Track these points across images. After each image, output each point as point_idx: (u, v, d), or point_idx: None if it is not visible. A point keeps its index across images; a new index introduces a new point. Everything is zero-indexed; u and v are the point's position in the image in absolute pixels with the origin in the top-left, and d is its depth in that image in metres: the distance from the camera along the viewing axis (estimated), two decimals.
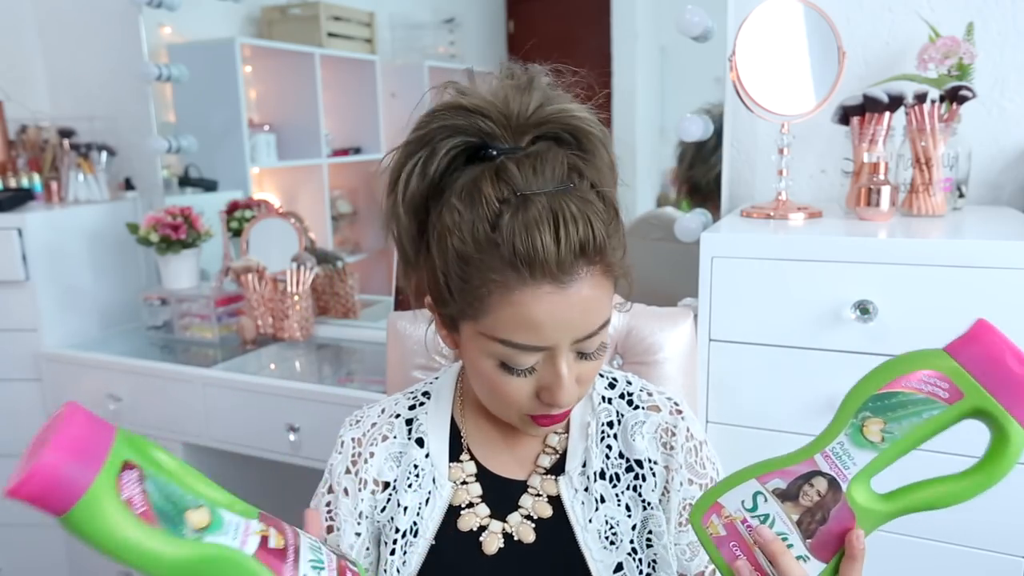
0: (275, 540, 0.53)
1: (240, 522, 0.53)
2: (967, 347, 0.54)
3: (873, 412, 0.54)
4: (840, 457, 0.55)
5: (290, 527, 0.58)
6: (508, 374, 0.69)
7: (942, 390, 0.53)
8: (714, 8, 1.32)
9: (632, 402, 0.83)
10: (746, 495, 0.59)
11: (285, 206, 2.23)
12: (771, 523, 0.57)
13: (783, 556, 0.57)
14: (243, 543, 0.52)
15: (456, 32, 2.62)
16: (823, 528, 0.56)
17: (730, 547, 0.59)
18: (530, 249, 0.62)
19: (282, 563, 0.53)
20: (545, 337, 0.66)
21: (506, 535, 0.79)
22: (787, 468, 0.57)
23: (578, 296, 0.65)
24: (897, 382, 0.54)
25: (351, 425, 0.86)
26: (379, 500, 0.82)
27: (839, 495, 0.55)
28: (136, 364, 1.82)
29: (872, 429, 0.54)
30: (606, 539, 0.77)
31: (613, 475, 0.79)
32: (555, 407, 0.70)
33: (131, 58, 2.13)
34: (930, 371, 0.53)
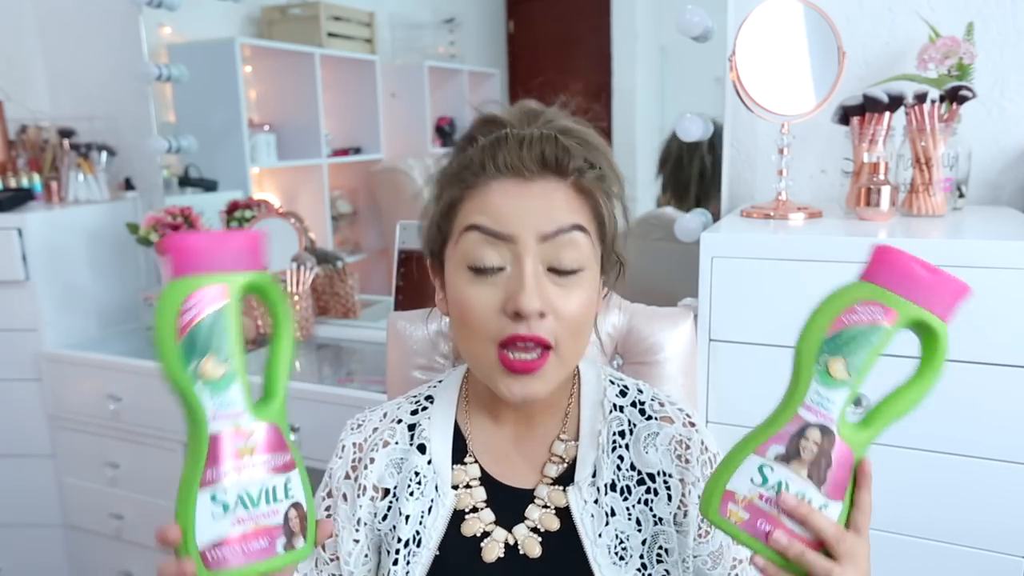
0: (245, 442, 0.57)
1: (236, 405, 0.57)
2: (878, 270, 0.59)
3: (831, 353, 0.59)
4: (820, 403, 0.59)
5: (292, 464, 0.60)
6: (477, 281, 0.70)
7: (880, 314, 0.58)
8: (714, 8, 1.32)
9: (644, 412, 0.81)
10: (752, 472, 0.60)
11: (285, 206, 2.23)
12: (786, 488, 0.59)
13: (812, 515, 0.58)
14: (213, 417, 0.56)
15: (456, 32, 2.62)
16: (830, 472, 0.59)
17: (758, 526, 0.59)
18: (495, 149, 0.71)
19: (219, 460, 0.56)
20: (507, 223, 0.69)
21: (509, 546, 0.77)
22: (779, 432, 0.59)
23: (542, 193, 0.70)
24: (839, 322, 0.59)
25: (352, 429, 0.84)
26: (379, 507, 0.80)
27: (833, 438, 0.59)
28: (136, 364, 1.82)
29: (837, 368, 0.58)
30: (616, 554, 0.75)
31: (624, 487, 0.77)
32: (521, 314, 0.68)
33: (131, 58, 2.13)
34: (862, 302, 0.58)
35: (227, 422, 0.57)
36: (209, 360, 0.56)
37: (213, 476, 0.56)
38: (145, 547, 1.92)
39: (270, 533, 0.58)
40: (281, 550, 0.58)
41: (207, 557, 0.56)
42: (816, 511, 0.59)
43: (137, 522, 1.91)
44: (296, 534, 0.60)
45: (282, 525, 0.59)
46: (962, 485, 1.06)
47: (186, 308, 0.55)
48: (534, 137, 0.71)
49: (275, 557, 0.58)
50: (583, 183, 0.72)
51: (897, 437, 1.08)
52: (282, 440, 0.59)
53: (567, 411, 0.82)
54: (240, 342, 0.57)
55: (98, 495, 1.95)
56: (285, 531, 0.59)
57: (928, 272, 0.58)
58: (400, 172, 2.50)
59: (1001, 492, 1.04)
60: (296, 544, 0.59)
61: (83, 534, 2.03)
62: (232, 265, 0.56)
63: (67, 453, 2.00)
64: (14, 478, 2.03)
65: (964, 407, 1.04)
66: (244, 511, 0.57)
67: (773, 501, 0.59)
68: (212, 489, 0.56)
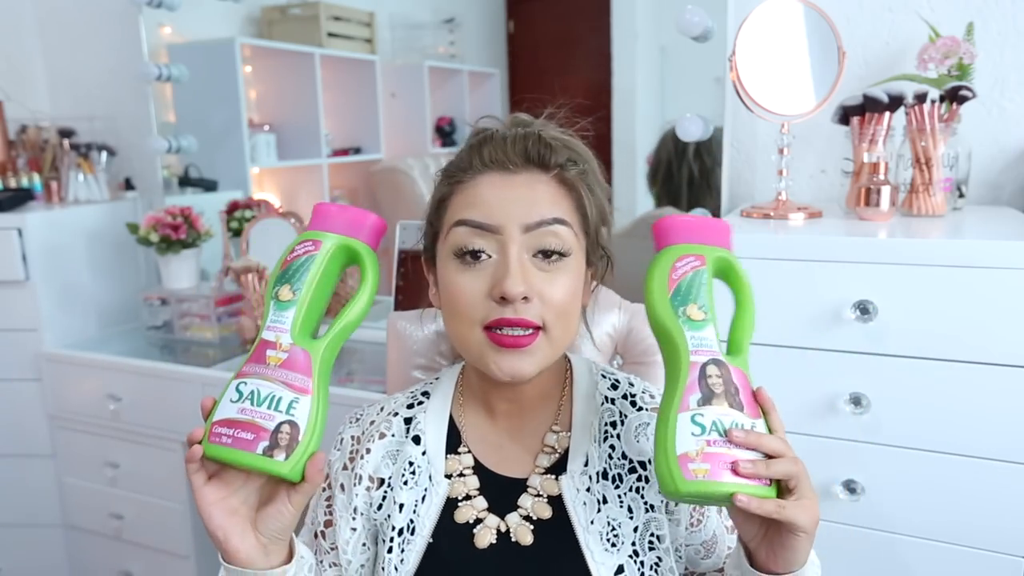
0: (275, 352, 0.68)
1: (284, 324, 0.68)
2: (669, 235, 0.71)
3: (682, 303, 0.68)
4: (701, 343, 0.67)
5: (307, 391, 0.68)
6: (464, 268, 0.73)
7: (693, 261, 0.70)
8: (714, 8, 1.32)
9: (635, 403, 0.83)
10: (689, 427, 0.64)
11: (285, 206, 2.23)
12: (723, 425, 0.64)
13: (759, 438, 0.63)
14: (266, 328, 0.69)
15: (456, 32, 2.62)
16: (741, 395, 0.66)
17: (721, 468, 0.63)
18: (482, 146, 0.75)
19: (254, 359, 0.68)
20: (491, 214, 0.73)
21: (501, 533, 0.79)
22: (687, 384, 0.66)
23: (526, 184, 0.74)
24: (672, 281, 0.69)
25: (351, 423, 0.87)
26: (374, 497, 0.82)
27: (726, 366, 0.66)
28: (136, 364, 1.82)
29: (694, 312, 0.68)
30: (608, 541, 0.77)
31: (615, 476, 0.79)
32: (506, 298, 0.70)
33: (131, 58, 2.13)
34: (677, 258, 0.69)
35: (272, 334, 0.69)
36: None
37: (247, 369, 0.67)
38: (145, 547, 1.92)
39: (258, 432, 0.65)
40: (259, 451, 0.64)
41: (212, 430, 0.66)
42: (761, 434, 0.64)
43: (137, 522, 1.91)
44: (279, 447, 0.65)
45: (271, 432, 0.65)
46: (962, 485, 1.06)
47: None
48: (518, 135, 0.76)
49: (251, 454, 0.64)
50: (565, 176, 0.75)
51: (897, 437, 1.08)
52: (309, 367, 0.68)
53: (560, 403, 0.84)
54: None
55: (98, 495, 1.96)
56: (271, 439, 0.65)
57: (699, 220, 0.71)
58: (400, 172, 2.50)
59: (1001, 492, 1.04)
60: (275, 455, 0.64)
61: (83, 534, 2.03)
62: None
63: (67, 453, 2.00)
64: (14, 478, 2.03)
65: (964, 407, 1.04)
66: (249, 405, 0.66)
67: (719, 442, 0.63)
68: (240, 379, 0.67)
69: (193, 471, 0.67)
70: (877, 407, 1.08)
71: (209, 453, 0.65)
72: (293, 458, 0.65)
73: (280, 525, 0.69)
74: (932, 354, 1.04)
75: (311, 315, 0.70)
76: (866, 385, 1.08)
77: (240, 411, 0.66)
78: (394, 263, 1.58)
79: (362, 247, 0.72)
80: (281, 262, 0.71)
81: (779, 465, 0.63)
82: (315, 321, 0.71)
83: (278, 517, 0.69)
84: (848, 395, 1.09)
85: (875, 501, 1.10)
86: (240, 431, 0.65)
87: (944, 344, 1.04)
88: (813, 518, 0.64)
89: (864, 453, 1.10)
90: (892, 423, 1.08)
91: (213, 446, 0.65)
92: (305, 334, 0.69)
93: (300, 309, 0.69)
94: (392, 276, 1.59)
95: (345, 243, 0.71)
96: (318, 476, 0.67)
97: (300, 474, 0.66)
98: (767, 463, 0.63)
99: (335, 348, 0.71)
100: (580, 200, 0.76)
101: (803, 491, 0.64)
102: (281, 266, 0.71)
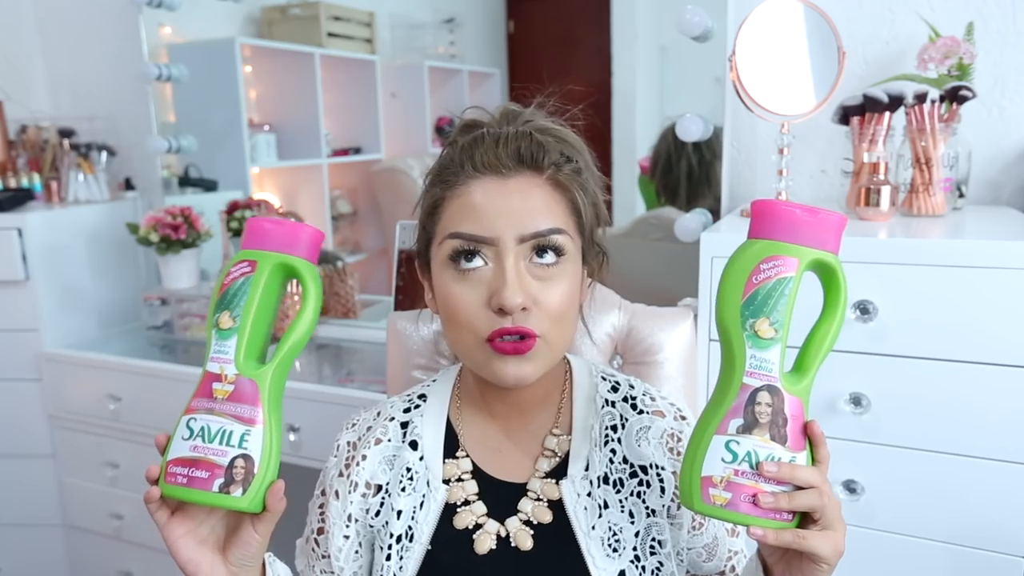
0: (222, 385, 0.66)
1: (227, 354, 0.66)
2: (764, 224, 0.62)
3: (754, 316, 0.61)
4: (760, 366, 0.61)
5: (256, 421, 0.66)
6: (460, 278, 0.72)
7: (782, 266, 0.60)
8: (714, 8, 1.32)
9: (636, 406, 0.82)
10: (720, 452, 0.61)
11: (285, 206, 2.23)
12: (757, 457, 0.60)
13: (793, 472, 0.61)
14: (209, 360, 0.67)
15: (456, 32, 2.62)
16: (788, 428, 0.61)
17: (742, 500, 0.61)
18: (473, 148, 0.74)
19: (201, 394, 0.67)
20: (487, 225, 0.71)
21: (501, 538, 0.78)
22: (732, 406, 0.61)
23: (519, 190, 0.72)
24: (749, 285, 0.61)
25: (347, 429, 0.86)
26: (371, 504, 0.81)
27: (781, 394, 0.61)
28: (136, 364, 1.82)
29: (763, 328, 0.61)
30: (609, 546, 0.76)
31: (616, 480, 0.78)
32: (504, 310, 0.70)
33: (131, 58, 2.13)
34: (762, 259, 0.61)
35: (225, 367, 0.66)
36: (224, 315, 0.66)
37: (195, 405, 0.67)
38: (145, 547, 1.92)
39: (212, 470, 0.64)
40: (216, 489, 0.64)
41: (167, 469, 0.65)
42: (794, 467, 0.61)
43: (137, 522, 1.91)
44: (236, 483, 0.64)
45: (225, 468, 0.64)
46: (962, 485, 1.06)
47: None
48: (510, 135, 0.74)
49: (207, 492, 0.64)
50: (559, 178, 0.74)
51: (897, 437, 1.08)
52: (257, 396, 0.66)
53: (559, 406, 0.83)
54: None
55: (98, 495, 1.95)
56: (226, 475, 0.64)
57: (809, 214, 0.61)
58: (400, 172, 2.50)
59: (1001, 492, 1.04)
60: (232, 491, 0.64)
61: (83, 534, 2.03)
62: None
63: (67, 453, 2.00)
64: (14, 478, 2.03)
65: (964, 407, 1.04)
66: (201, 442, 0.65)
67: (748, 474, 0.61)
68: (190, 415, 0.67)
69: (154, 510, 0.67)
70: (877, 407, 1.08)
71: (167, 493, 0.65)
72: (251, 491, 0.65)
73: (248, 554, 0.69)
74: (932, 354, 1.04)
75: (255, 340, 0.68)
76: (866, 385, 1.08)
77: (192, 448, 0.65)
78: (394, 263, 1.58)
79: (300, 263, 0.68)
80: (218, 287, 0.68)
81: (803, 498, 0.61)
82: (260, 345, 0.69)
83: (245, 547, 0.69)
84: (848, 395, 1.09)
85: (875, 501, 1.10)
86: (194, 470, 0.64)
87: (944, 344, 1.04)
88: (836, 550, 0.62)
89: (864, 453, 1.10)
90: (892, 423, 1.08)
91: (170, 486, 0.65)
92: (251, 361, 0.67)
93: (242, 336, 0.66)
94: (392, 276, 1.59)
95: (282, 260, 0.68)
96: (279, 504, 0.67)
97: (260, 505, 0.66)
98: (790, 496, 0.61)
99: (284, 371, 0.69)
100: (575, 201, 0.75)
101: (828, 522, 0.62)
102: (219, 291, 0.68)
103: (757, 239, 0.62)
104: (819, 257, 0.61)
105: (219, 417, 0.65)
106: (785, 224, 0.61)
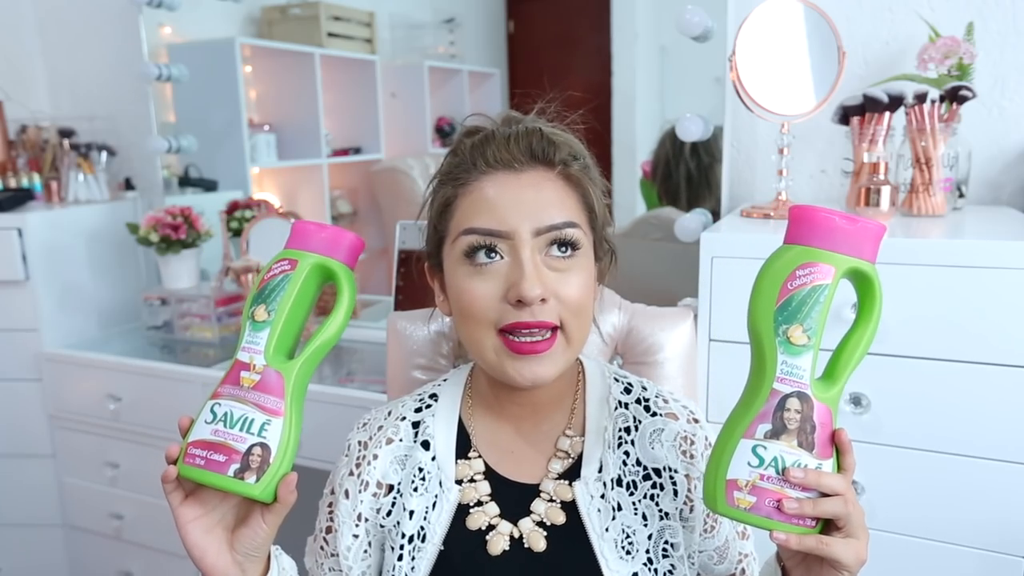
0: (249, 374, 0.68)
1: (258, 345, 0.69)
2: (802, 231, 0.61)
3: (787, 322, 0.61)
4: (791, 372, 0.61)
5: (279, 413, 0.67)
6: (477, 276, 0.72)
7: (819, 273, 0.60)
8: (714, 8, 1.32)
9: (649, 408, 0.82)
10: (747, 456, 0.61)
11: (285, 206, 2.23)
12: (783, 463, 0.61)
13: (819, 479, 0.61)
14: (241, 348, 0.69)
15: (456, 32, 2.62)
16: (816, 435, 0.61)
17: (767, 505, 0.61)
18: (484, 146, 0.74)
19: (228, 381, 0.69)
20: (501, 219, 0.71)
21: (514, 539, 0.77)
22: (761, 411, 0.61)
23: (532, 184, 0.73)
24: (784, 290, 0.61)
25: (359, 428, 0.86)
26: (383, 504, 0.81)
27: (811, 401, 0.61)
28: (136, 364, 1.82)
29: (796, 335, 0.60)
30: (622, 548, 0.76)
31: (630, 483, 0.78)
32: (523, 301, 0.69)
33: (131, 58, 2.13)
34: (798, 265, 0.60)
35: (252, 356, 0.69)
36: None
37: (221, 391, 0.68)
38: (145, 547, 1.92)
39: (230, 455, 0.66)
40: (231, 473, 0.65)
41: (187, 451, 0.67)
42: (821, 474, 0.61)
43: (137, 522, 1.91)
44: (250, 470, 0.65)
45: (243, 454, 0.66)
46: (962, 485, 1.06)
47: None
48: (520, 132, 0.75)
49: (223, 476, 0.65)
50: (571, 172, 0.75)
51: (897, 437, 1.08)
52: (282, 388, 0.68)
53: (573, 407, 0.83)
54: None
55: (98, 495, 1.95)
56: (242, 460, 0.65)
57: (847, 222, 0.60)
58: (400, 172, 2.50)
59: (1001, 492, 1.04)
60: (246, 477, 0.65)
61: (83, 534, 2.03)
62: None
63: (67, 453, 2.00)
64: (14, 478, 2.03)
65: (964, 407, 1.04)
66: (222, 426, 0.66)
67: (773, 479, 0.61)
68: (215, 400, 0.68)
69: (170, 490, 0.68)
70: (877, 407, 1.08)
71: (183, 473, 0.66)
72: (264, 480, 0.66)
73: (255, 544, 0.70)
74: (932, 354, 1.04)
75: (286, 335, 0.70)
76: (866, 385, 1.08)
77: (214, 432, 0.66)
78: (394, 263, 1.58)
79: (339, 266, 0.71)
80: (258, 281, 0.71)
81: (827, 505, 0.61)
82: (291, 341, 0.71)
83: (252, 536, 0.69)
84: (848, 395, 1.09)
85: (875, 501, 1.10)
86: (213, 453, 0.66)
87: (944, 344, 1.04)
88: (858, 558, 0.62)
89: (864, 453, 1.10)
90: (892, 423, 1.08)
91: (187, 467, 0.66)
92: (280, 355, 0.69)
93: (275, 330, 0.69)
94: (392, 276, 1.59)
95: (322, 262, 0.70)
96: (290, 497, 0.67)
97: (272, 495, 0.67)
98: (815, 502, 0.61)
99: (310, 368, 0.71)
100: (586, 196, 0.76)
101: (852, 530, 0.62)
102: (258, 286, 0.71)
103: (793, 244, 0.62)
104: (855, 266, 0.61)
105: (243, 404, 0.67)
106: (823, 231, 0.60)
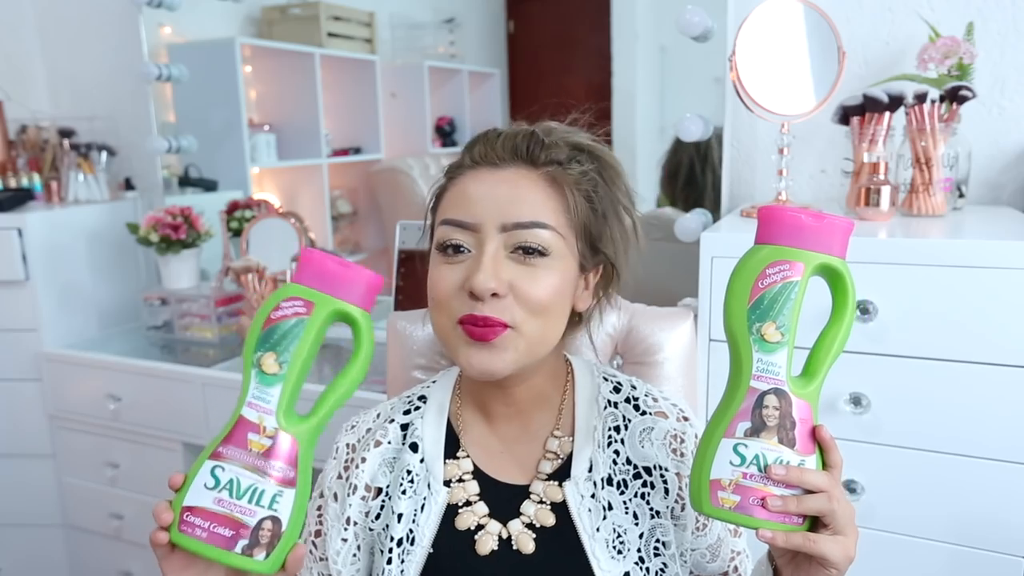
0: (259, 438, 0.61)
1: (268, 404, 0.61)
2: (771, 230, 0.62)
3: (760, 320, 0.61)
4: (767, 370, 0.62)
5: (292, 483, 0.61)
6: (445, 265, 0.73)
7: (788, 270, 0.61)
8: (714, 8, 1.32)
9: (638, 407, 0.81)
10: (729, 455, 0.62)
11: (285, 206, 2.23)
12: (765, 460, 0.61)
13: (801, 475, 0.61)
14: (246, 403, 0.62)
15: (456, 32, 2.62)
16: (796, 431, 0.62)
17: (750, 503, 0.61)
18: (474, 144, 0.76)
19: (233, 441, 0.61)
20: (472, 212, 0.72)
21: (502, 540, 0.77)
22: (739, 410, 0.62)
23: (509, 180, 0.73)
24: (755, 289, 0.61)
25: (346, 431, 0.85)
26: (372, 507, 0.80)
27: (788, 397, 0.62)
28: (136, 364, 1.82)
29: (770, 332, 0.61)
30: (613, 548, 0.75)
31: (620, 482, 0.78)
32: (475, 294, 0.69)
33: (131, 58, 2.13)
34: (768, 264, 0.61)
35: (260, 413, 0.61)
36: (267, 356, 0.61)
37: (224, 452, 0.61)
38: (145, 547, 1.92)
39: (237, 529, 0.60)
40: (238, 550, 0.60)
41: (183, 516, 0.60)
42: (803, 471, 0.61)
43: (137, 522, 1.91)
44: (260, 545, 0.60)
45: (251, 528, 0.60)
46: (962, 485, 1.06)
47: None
48: (511, 132, 0.76)
49: (229, 552, 0.59)
50: (556, 175, 0.73)
51: (897, 437, 1.08)
52: (294, 456, 0.62)
53: (561, 407, 0.82)
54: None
55: (98, 495, 1.95)
56: (251, 536, 0.60)
57: (814, 219, 0.61)
58: (400, 172, 2.50)
59: (1001, 492, 1.04)
60: (255, 554, 0.60)
61: (83, 534, 2.03)
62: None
63: (67, 453, 2.00)
64: (14, 478, 2.03)
65: (964, 407, 1.04)
66: (227, 496, 0.60)
67: (756, 476, 0.61)
68: (217, 462, 0.61)
69: (162, 556, 0.63)
70: (877, 407, 1.08)
71: (181, 543, 0.60)
72: (274, 555, 0.60)
73: None
74: (932, 354, 1.04)
75: (297, 390, 0.63)
76: (866, 385, 1.08)
77: (217, 502, 0.60)
78: (394, 263, 1.58)
79: (360, 313, 0.63)
80: (264, 317, 0.61)
81: (811, 502, 0.61)
82: (298, 392, 0.63)
83: None
84: (848, 395, 1.09)
85: (875, 501, 1.10)
86: (217, 526, 0.59)
87: (944, 344, 1.04)
88: (846, 555, 0.62)
89: (864, 453, 1.10)
90: (892, 423, 1.08)
91: (185, 537, 0.60)
92: (291, 415, 0.62)
93: (287, 386, 0.61)
94: (392, 276, 1.59)
95: (340, 308, 0.62)
96: (297, 565, 0.63)
97: (279, 566, 0.62)
98: (799, 499, 0.61)
99: (321, 429, 0.64)
100: (569, 201, 0.73)
101: (839, 527, 0.62)
102: (263, 324, 0.61)
103: (764, 244, 0.63)
104: (825, 262, 0.62)
105: (251, 472, 0.60)
106: (790, 229, 0.62)
